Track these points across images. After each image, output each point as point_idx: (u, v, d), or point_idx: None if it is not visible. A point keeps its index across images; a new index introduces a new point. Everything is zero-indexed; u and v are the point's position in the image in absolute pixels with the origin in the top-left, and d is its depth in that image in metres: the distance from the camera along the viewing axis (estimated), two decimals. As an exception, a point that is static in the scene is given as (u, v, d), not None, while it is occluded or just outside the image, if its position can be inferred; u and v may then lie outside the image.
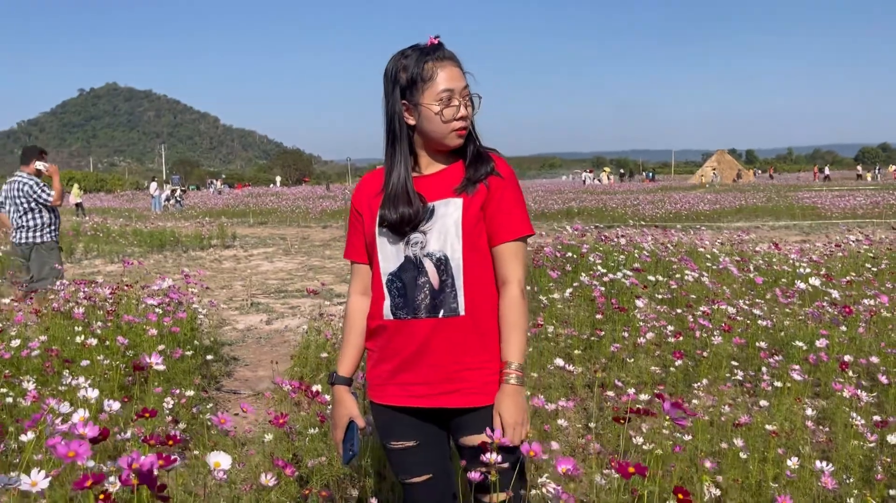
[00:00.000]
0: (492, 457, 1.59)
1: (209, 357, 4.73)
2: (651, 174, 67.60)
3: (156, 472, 1.38)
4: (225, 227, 16.91)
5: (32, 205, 6.19)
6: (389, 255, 1.79)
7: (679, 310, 4.92)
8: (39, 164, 6.28)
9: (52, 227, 6.33)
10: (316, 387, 2.90)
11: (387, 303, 1.79)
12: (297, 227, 20.55)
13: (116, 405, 1.97)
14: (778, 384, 3.41)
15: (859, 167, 59.53)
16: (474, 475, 1.61)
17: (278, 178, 72.20)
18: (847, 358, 3.69)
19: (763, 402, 3.16)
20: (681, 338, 4.24)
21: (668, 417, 1.52)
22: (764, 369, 3.68)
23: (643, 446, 2.63)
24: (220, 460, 1.62)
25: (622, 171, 69.50)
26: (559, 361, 3.56)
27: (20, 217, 6.18)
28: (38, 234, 6.22)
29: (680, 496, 1.62)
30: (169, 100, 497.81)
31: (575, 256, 6.78)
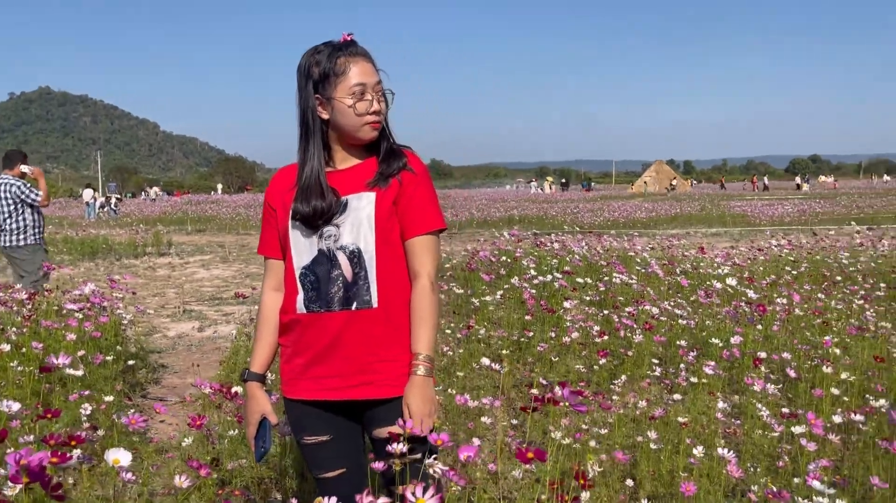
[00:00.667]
0: (397, 447, 1.61)
1: (131, 363, 4.60)
2: (587, 183, 63.05)
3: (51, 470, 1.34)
4: (161, 234, 16.48)
5: (19, 206, 6.19)
6: (303, 249, 1.79)
7: (606, 311, 5.04)
8: (24, 167, 6.35)
9: (37, 229, 6.33)
10: (236, 389, 2.86)
11: (300, 297, 1.79)
12: (237, 235, 20.16)
13: (16, 406, 1.91)
14: (694, 380, 3.53)
15: (798, 178, 61.41)
16: (378, 465, 1.62)
17: (220, 186, 70.74)
18: (762, 354, 3.84)
19: (677, 396, 3.26)
20: (606, 338, 4.35)
21: (568, 404, 1.57)
22: (682, 366, 3.80)
23: (561, 440, 2.68)
24: (119, 457, 1.58)
25: (563, 180, 67.39)
26: (485, 361, 3.60)
27: (4, 220, 6.17)
28: (21, 236, 6.22)
29: (582, 481, 1.67)
30: (106, 105, 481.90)
31: (509, 261, 6.87)
